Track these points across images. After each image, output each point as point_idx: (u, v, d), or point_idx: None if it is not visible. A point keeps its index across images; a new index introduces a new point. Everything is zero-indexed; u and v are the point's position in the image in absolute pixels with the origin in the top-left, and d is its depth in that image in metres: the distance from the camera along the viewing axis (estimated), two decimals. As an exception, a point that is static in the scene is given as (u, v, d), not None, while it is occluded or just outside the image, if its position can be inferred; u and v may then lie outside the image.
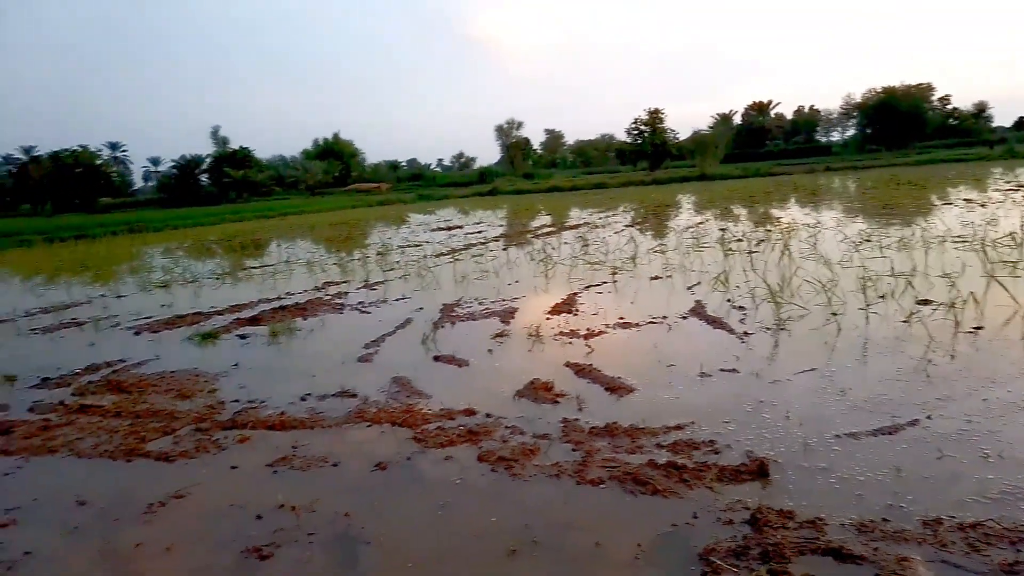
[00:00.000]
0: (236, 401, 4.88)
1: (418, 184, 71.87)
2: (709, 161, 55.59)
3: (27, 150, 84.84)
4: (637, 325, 6.33)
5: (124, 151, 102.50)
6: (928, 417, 3.72)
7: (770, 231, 12.82)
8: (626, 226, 16.93)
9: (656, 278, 8.77)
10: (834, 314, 6.07)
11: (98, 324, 8.08)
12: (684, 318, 6.50)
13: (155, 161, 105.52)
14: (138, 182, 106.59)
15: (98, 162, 66.96)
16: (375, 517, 3.09)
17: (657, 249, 11.42)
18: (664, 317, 6.54)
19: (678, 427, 3.85)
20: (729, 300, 7.10)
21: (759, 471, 3.22)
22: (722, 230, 13.77)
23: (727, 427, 3.82)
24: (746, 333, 5.77)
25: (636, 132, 68.59)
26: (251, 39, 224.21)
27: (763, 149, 79.23)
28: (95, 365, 6.11)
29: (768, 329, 5.86)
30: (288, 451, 3.90)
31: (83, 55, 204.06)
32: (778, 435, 3.66)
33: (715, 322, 6.24)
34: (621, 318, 6.63)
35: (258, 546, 2.88)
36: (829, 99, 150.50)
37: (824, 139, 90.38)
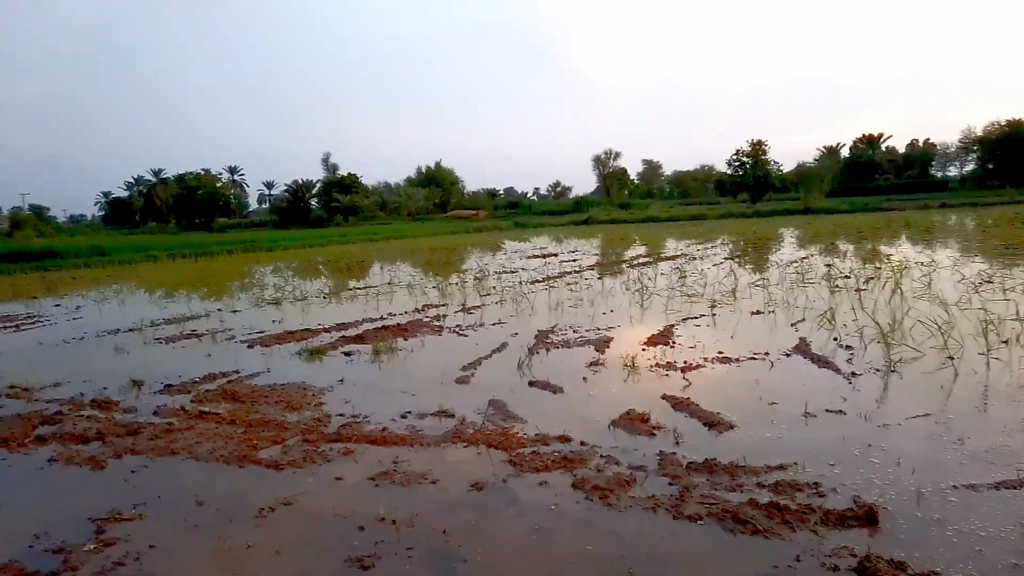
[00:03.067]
0: (341, 415, 5.10)
1: (514, 212, 72.81)
2: (814, 194, 53.78)
3: (156, 172, 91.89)
4: (737, 360, 6.19)
5: (242, 175, 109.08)
6: (1059, 473, 3.46)
7: (880, 268, 12.24)
8: (725, 258, 16.58)
9: (757, 313, 8.54)
10: (951, 358, 5.74)
11: (215, 336, 8.62)
12: (787, 355, 6.30)
13: (269, 185, 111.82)
14: (253, 204, 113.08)
15: (218, 185, 71.52)
16: (472, 536, 3.15)
17: (758, 283, 11.12)
18: (766, 353, 6.37)
19: (780, 467, 3.74)
20: (835, 339, 6.84)
21: (867, 518, 3.08)
22: (828, 266, 13.28)
23: (833, 470, 3.68)
24: (854, 374, 5.54)
25: (737, 163, 67.06)
26: (362, 71, 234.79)
27: (872, 183, 75.54)
28: (212, 374, 6.52)
29: (878, 371, 5.61)
30: (389, 466, 4.04)
31: (208, 86, 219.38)
32: (888, 481, 3.50)
33: (820, 361, 6.02)
34: (720, 352, 6.49)
35: (360, 556, 3.00)
36: (946, 132, 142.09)
37: (940, 174, 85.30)
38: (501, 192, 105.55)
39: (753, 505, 3.29)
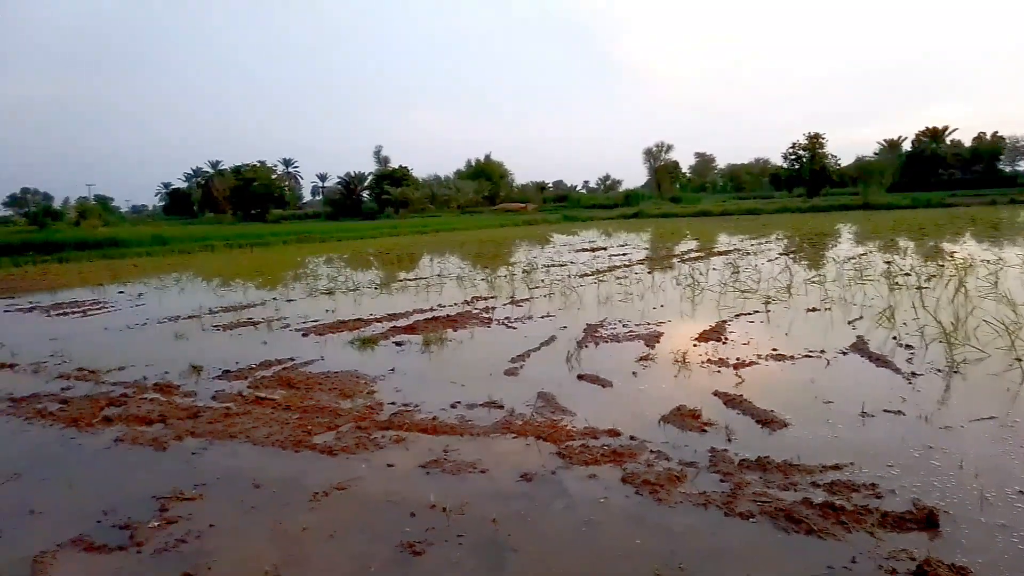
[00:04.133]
0: (392, 403, 5.18)
1: (563, 205, 72.64)
2: (874, 189, 52.23)
3: (214, 164, 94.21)
4: (792, 358, 6.07)
5: (296, 167, 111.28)
6: None
7: (943, 266, 11.83)
8: (780, 254, 16.25)
9: (813, 310, 8.35)
10: (1018, 359, 5.53)
11: (271, 324, 8.83)
12: (844, 354, 6.15)
13: (323, 177, 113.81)
14: (307, 196, 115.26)
15: (273, 177, 73.13)
16: (521, 526, 3.17)
17: (814, 280, 10.87)
18: (822, 351, 6.22)
19: (836, 467, 3.66)
20: (895, 338, 6.64)
21: (927, 521, 3.00)
22: (887, 263, 12.89)
23: (891, 471, 3.59)
24: (914, 374, 5.38)
25: (793, 157, 65.60)
26: (414, 64, 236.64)
27: (935, 178, 72.87)
28: (268, 361, 6.68)
29: (939, 371, 5.43)
30: (439, 454, 4.09)
31: (265, 80, 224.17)
32: (950, 485, 3.39)
33: (879, 360, 5.86)
34: (774, 349, 6.37)
35: (412, 542, 3.05)
36: (1015, 125, 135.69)
37: (1009, 168, 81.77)
38: (550, 185, 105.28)
39: (807, 504, 3.23)
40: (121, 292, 13.41)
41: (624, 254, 18.27)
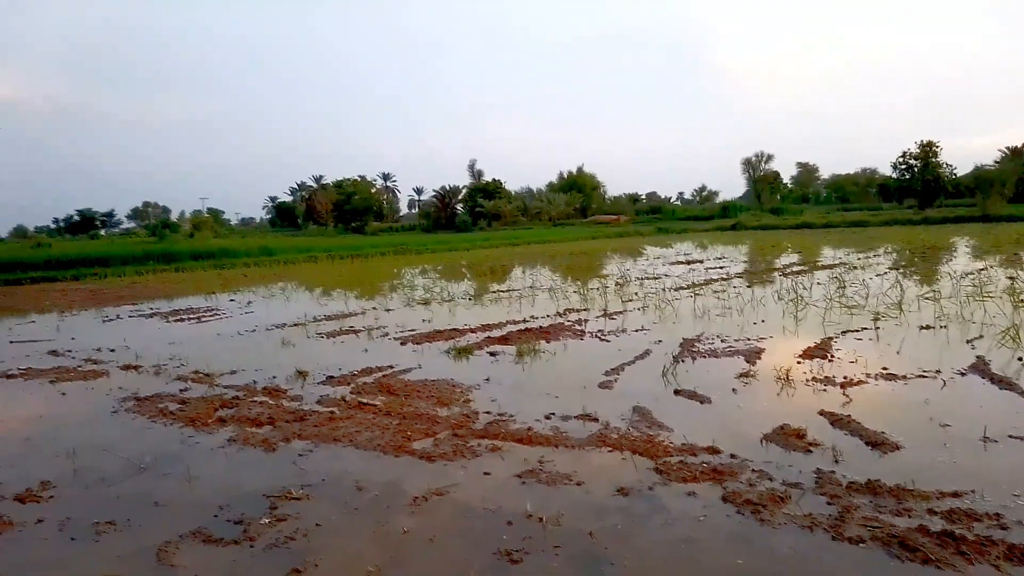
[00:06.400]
0: (488, 412, 5.24)
1: (657, 217, 71.60)
2: (994, 200, 48.69)
3: (317, 179, 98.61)
4: (904, 378, 5.75)
5: (394, 181, 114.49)
6: None
7: (1077, 282, 10.91)
8: (890, 268, 15.44)
9: (927, 328, 7.89)
10: None
11: (371, 333, 9.13)
12: (962, 374, 5.78)
13: (419, 190, 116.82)
14: (404, 209, 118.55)
15: (372, 191, 75.69)
16: (618, 540, 3.14)
17: (928, 296, 10.25)
18: (937, 371, 5.87)
19: (955, 494, 3.44)
20: (1020, 358, 6.19)
21: (1063, 558, 2.77)
22: (1011, 278, 12.01)
23: (1017, 501, 3.34)
24: (1044, 398, 4.99)
25: (904, 166, 62.10)
26: (508, 78, 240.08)
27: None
28: (369, 368, 6.91)
29: (1074, 396, 5.02)
30: (535, 465, 4.11)
31: (366, 97, 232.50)
32: (1089, 520, 3.12)
33: (1001, 382, 5.47)
34: (884, 368, 6.06)
35: (509, 550, 3.08)
36: None
37: None
38: (643, 197, 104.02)
39: (923, 532, 3.05)
40: (232, 300, 14.19)
41: (721, 267, 17.82)
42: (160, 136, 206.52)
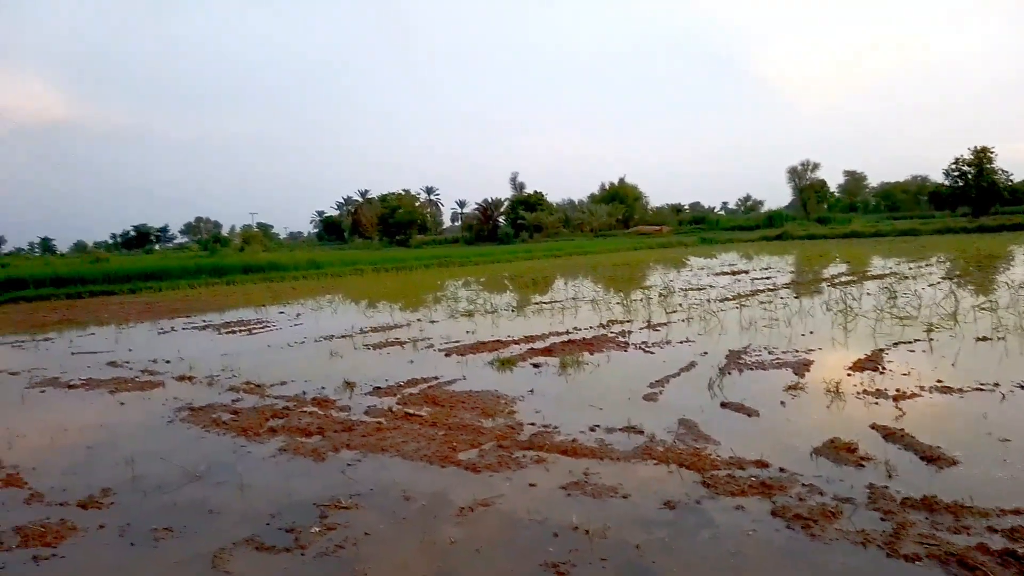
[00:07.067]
0: (532, 424, 5.26)
1: (700, 227, 70.74)
2: (1055, 206, 46.90)
3: (363, 193, 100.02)
4: (960, 391, 5.59)
5: (437, 194, 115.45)
6: None
7: None
8: (943, 278, 15.00)
9: (984, 339, 7.65)
10: None
11: (416, 344, 9.23)
12: (1022, 387, 5.59)
13: (462, 203, 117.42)
14: (447, 222, 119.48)
15: (416, 204, 76.55)
16: (665, 553, 3.13)
17: (984, 306, 9.94)
18: (996, 384, 5.69)
19: (1016, 511, 3.34)
20: (1086, 371, 5.96)
21: None
22: (1075, 288, 11.56)
23: (1085, 521, 3.22)
24: (1112, 413, 4.80)
25: (957, 173, 60.18)
26: (548, 89, 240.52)
27: None
28: (414, 379, 6.99)
29: None
30: (580, 477, 4.11)
31: (410, 111, 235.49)
32: None
33: (1066, 396, 5.27)
34: (939, 381, 5.90)
35: (555, 562, 3.08)
36: None
37: None
38: (686, 207, 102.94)
39: (983, 550, 2.96)
40: (281, 312, 14.49)
41: (767, 277, 17.54)
42: (212, 154, 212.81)
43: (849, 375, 6.31)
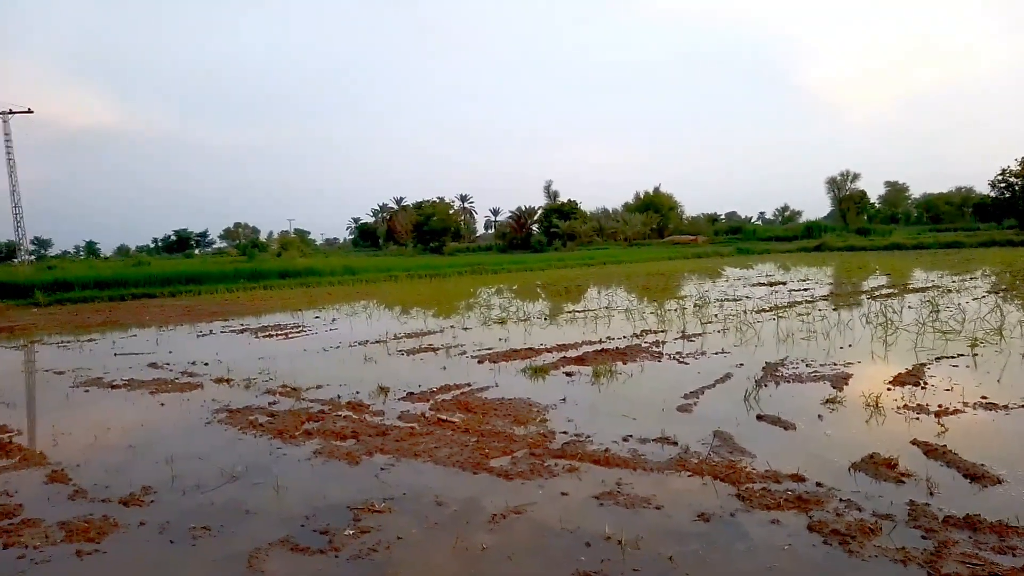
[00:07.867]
0: (564, 433, 5.25)
1: (736, 237, 69.92)
2: (1108, 219, 45.45)
3: (398, 200, 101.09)
4: (1006, 407, 5.44)
5: (471, 202, 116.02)
6: None
7: None
8: (988, 292, 14.62)
9: (1031, 355, 7.44)
10: None
11: (449, 351, 9.29)
12: (1072, 406, 5.42)
13: (495, 211, 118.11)
14: (480, 229, 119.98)
15: (450, 212, 77.06)
16: (699, 566, 3.09)
17: (1032, 321, 9.66)
18: (1043, 402, 5.53)
19: (1065, 533, 3.23)
20: None
21: None
22: None
23: None
24: None
25: (1004, 184, 58.62)
26: (584, 98, 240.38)
27: None
28: (447, 386, 7.03)
29: None
30: (612, 487, 4.09)
31: (446, 120, 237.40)
32: None
33: (1119, 415, 5.10)
34: (984, 397, 5.75)
35: (587, 571, 3.07)
36: None
37: None
38: (722, 217, 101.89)
39: (1030, 573, 2.88)
40: (317, 317, 14.68)
41: (805, 289, 17.27)
42: (251, 160, 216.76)
43: (889, 389, 6.18)
